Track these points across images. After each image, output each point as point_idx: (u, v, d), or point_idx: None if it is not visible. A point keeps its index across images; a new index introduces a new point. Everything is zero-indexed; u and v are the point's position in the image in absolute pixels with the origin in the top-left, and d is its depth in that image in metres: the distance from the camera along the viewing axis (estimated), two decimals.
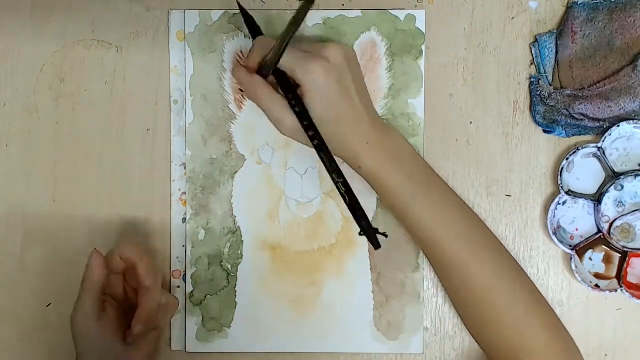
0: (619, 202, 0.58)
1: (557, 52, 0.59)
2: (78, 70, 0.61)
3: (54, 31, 0.61)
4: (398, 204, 0.54)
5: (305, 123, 0.52)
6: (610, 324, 0.60)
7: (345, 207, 0.52)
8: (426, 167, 0.55)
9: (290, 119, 0.52)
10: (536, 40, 0.60)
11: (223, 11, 0.60)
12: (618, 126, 0.57)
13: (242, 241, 0.60)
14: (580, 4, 0.58)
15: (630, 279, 0.58)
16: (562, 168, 0.58)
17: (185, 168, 0.60)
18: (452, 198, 0.55)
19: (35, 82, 0.61)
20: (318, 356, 0.60)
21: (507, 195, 0.60)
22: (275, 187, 0.60)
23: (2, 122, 0.61)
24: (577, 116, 0.58)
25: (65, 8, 0.61)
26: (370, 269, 0.60)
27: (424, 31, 0.60)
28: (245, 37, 0.60)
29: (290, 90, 0.52)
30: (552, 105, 0.59)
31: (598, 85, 0.58)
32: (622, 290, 0.58)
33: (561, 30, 0.59)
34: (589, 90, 0.58)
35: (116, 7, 0.60)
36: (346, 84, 0.52)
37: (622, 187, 0.58)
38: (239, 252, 0.60)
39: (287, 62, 0.51)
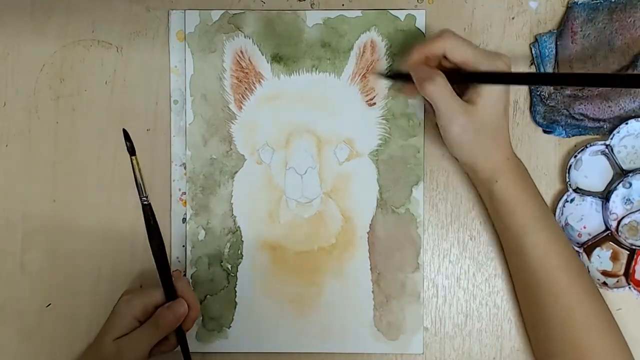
0: (627, 199, 0.58)
1: (557, 52, 0.59)
2: (78, 70, 0.61)
3: (54, 31, 0.61)
4: (517, 224, 0.54)
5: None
6: None
7: (345, 206, 0.52)
8: (547, 207, 0.56)
9: (459, 124, 0.52)
10: (536, 40, 0.59)
11: (223, 11, 0.60)
12: (627, 123, 0.57)
13: (242, 241, 0.60)
14: (580, 4, 0.58)
15: (638, 276, 0.58)
16: (570, 166, 0.58)
17: (185, 168, 0.60)
18: (561, 231, 0.56)
19: (35, 82, 0.61)
20: (318, 356, 0.60)
21: None
22: (275, 187, 0.60)
23: (2, 122, 0.61)
24: (577, 116, 0.58)
25: (65, 8, 0.61)
26: (370, 269, 0.60)
27: (424, 31, 0.60)
28: (245, 37, 0.60)
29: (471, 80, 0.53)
30: (552, 106, 0.59)
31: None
32: (629, 287, 0.58)
33: (561, 30, 0.59)
34: (588, 90, 0.58)
35: (116, 7, 0.60)
36: (509, 97, 0.54)
37: (630, 184, 0.58)
38: (239, 252, 0.60)
39: (472, 57, 0.52)
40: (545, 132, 0.60)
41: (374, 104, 0.60)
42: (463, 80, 0.53)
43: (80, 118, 0.61)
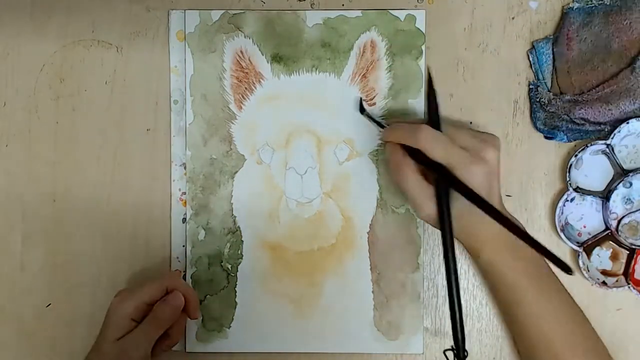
0: (627, 199, 0.58)
1: (554, 58, 0.59)
2: (78, 70, 0.61)
3: (54, 31, 0.61)
4: (506, 294, 0.53)
5: (444, 216, 0.52)
6: (610, 324, 0.60)
7: (345, 206, 0.52)
8: (543, 265, 0.54)
9: (429, 208, 0.52)
10: (533, 46, 0.59)
11: (223, 11, 0.60)
12: (627, 123, 0.57)
13: (242, 241, 0.60)
14: (575, 9, 0.58)
15: (638, 276, 0.59)
16: (571, 165, 0.58)
17: (185, 168, 0.60)
18: (565, 299, 0.54)
19: (35, 82, 0.61)
20: (318, 356, 0.60)
21: (507, 195, 0.60)
22: (275, 187, 0.60)
23: (2, 122, 0.61)
24: (577, 121, 0.58)
25: (65, 8, 0.61)
26: (370, 269, 0.60)
27: (424, 31, 0.60)
28: (245, 37, 0.60)
29: (443, 180, 0.52)
30: (552, 112, 0.59)
31: (597, 89, 0.58)
32: (629, 287, 0.58)
33: (557, 36, 0.59)
34: (588, 95, 0.58)
35: (116, 7, 0.61)
36: (493, 184, 0.52)
37: (631, 184, 0.58)
38: (239, 252, 0.60)
39: (448, 159, 0.50)
40: (546, 138, 0.60)
41: (374, 104, 0.60)
42: (433, 170, 0.52)
43: (80, 118, 0.61)
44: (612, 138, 0.57)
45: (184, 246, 0.60)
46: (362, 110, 0.59)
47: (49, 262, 0.60)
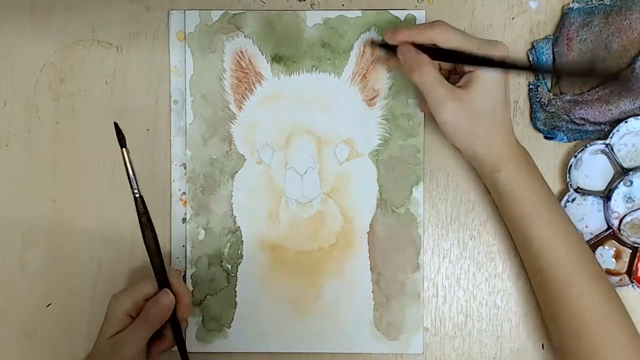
0: (628, 197, 0.58)
1: (554, 58, 0.59)
2: (78, 70, 0.61)
3: (54, 31, 0.61)
4: (522, 215, 0.54)
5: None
6: None
7: (345, 206, 0.52)
8: (547, 184, 0.56)
9: (448, 109, 0.52)
10: (533, 46, 0.59)
11: (223, 11, 0.60)
12: (626, 122, 0.57)
13: (242, 241, 0.60)
14: (575, 9, 0.58)
15: None
16: (570, 165, 0.58)
17: (185, 168, 0.60)
18: (572, 226, 0.55)
19: (35, 82, 0.61)
20: (318, 356, 0.60)
21: None
22: (275, 187, 0.60)
23: (2, 122, 0.61)
24: (577, 121, 0.58)
25: (65, 8, 0.61)
26: (370, 269, 0.60)
27: None
28: (245, 37, 0.60)
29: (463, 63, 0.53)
30: (552, 112, 0.59)
31: (597, 89, 0.58)
32: (633, 285, 0.58)
33: (557, 37, 0.59)
34: (588, 95, 0.58)
35: (116, 7, 0.61)
36: (507, 83, 0.54)
37: (631, 182, 0.58)
38: (239, 252, 0.60)
39: (467, 45, 0.52)
40: (546, 138, 0.60)
41: (374, 104, 0.60)
42: (450, 59, 0.53)
43: (80, 118, 0.61)
44: (611, 137, 0.57)
45: (184, 246, 0.60)
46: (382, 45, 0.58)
47: (49, 262, 0.60)
